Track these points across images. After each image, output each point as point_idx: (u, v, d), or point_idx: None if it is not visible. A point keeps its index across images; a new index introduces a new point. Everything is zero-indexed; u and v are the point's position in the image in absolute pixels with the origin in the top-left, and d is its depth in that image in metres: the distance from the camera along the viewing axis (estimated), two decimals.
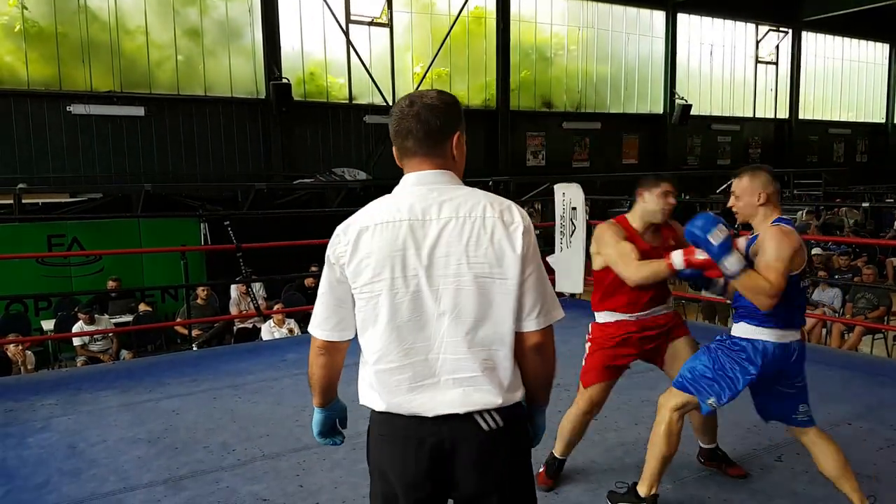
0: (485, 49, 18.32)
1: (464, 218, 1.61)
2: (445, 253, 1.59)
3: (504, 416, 1.64)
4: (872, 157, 27.63)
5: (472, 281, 1.59)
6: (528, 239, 1.62)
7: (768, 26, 23.64)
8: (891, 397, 4.23)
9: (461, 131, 1.71)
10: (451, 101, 1.70)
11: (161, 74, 14.02)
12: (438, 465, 1.62)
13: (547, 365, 1.71)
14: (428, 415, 1.61)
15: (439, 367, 1.61)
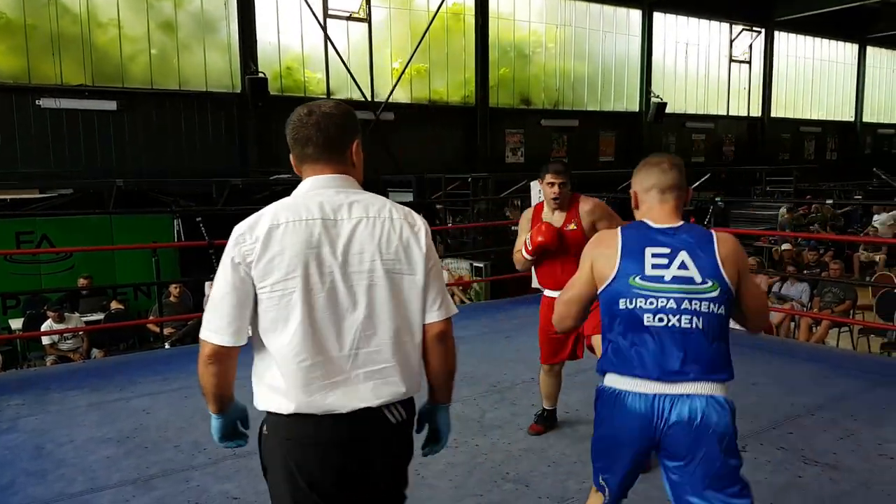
0: (464, 46, 18.34)
1: (374, 218, 1.69)
2: (359, 250, 1.66)
3: (406, 409, 1.74)
4: (842, 155, 28.09)
5: (385, 276, 1.67)
6: (429, 239, 1.76)
7: (742, 26, 23.92)
8: (854, 389, 4.32)
9: (359, 140, 1.80)
10: (347, 111, 1.79)
11: (134, 68, 13.86)
12: (352, 463, 1.66)
13: (450, 355, 1.80)
14: (342, 411, 1.63)
15: (352, 362, 1.65)
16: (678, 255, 1.93)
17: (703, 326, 1.88)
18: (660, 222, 2.02)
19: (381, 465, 1.70)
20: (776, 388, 4.42)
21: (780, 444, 3.49)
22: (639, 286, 1.93)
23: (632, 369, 1.93)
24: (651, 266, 1.93)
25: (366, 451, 1.67)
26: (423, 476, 3.22)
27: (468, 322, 6.37)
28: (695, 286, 1.90)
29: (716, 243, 1.95)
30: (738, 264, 1.96)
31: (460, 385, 4.49)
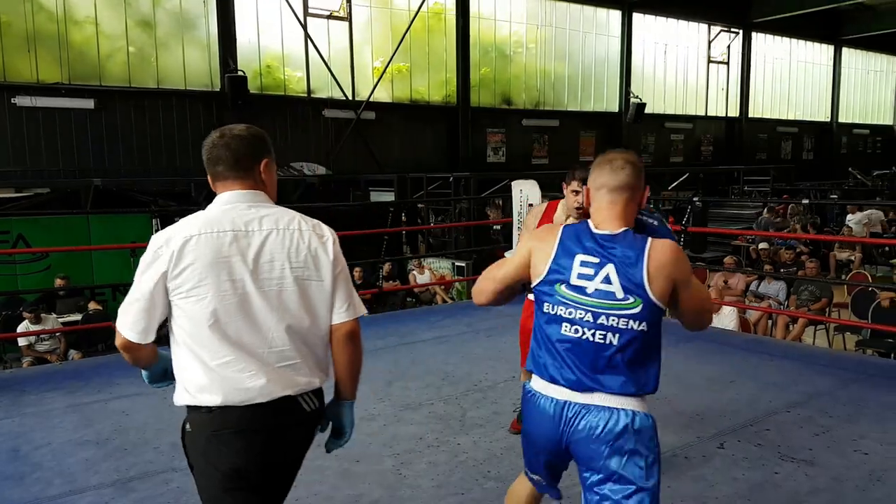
0: (445, 45, 18.35)
1: (283, 230, 1.88)
2: (270, 259, 1.84)
3: (318, 398, 1.93)
4: (818, 155, 28.46)
5: (294, 282, 1.86)
6: (336, 248, 1.95)
7: (720, 27, 24.14)
8: (829, 386, 4.39)
9: (269, 159, 1.97)
10: (257, 134, 1.98)
11: (112, 66, 13.71)
12: (274, 449, 1.82)
13: (358, 352, 1.97)
14: (263, 400, 1.78)
15: (267, 358, 1.82)
16: (604, 267, 1.87)
17: (618, 343, 1.84)
18: (601, 227, 1.94)
19: (297, 450, 1.90)
20: (753, 385, 4.47)
21: (757, 441, 3.54)
22: (563, 295, 1.90)
23: (546, 372, 1.93)
24: (577, 276, 1.89)
25: (286, 437, 1.84)
26: (405, 476, 3.23)
27: (449, 321, 6.39)
28: (615, 301, 1.85)
29: (646, 257, 1.85)
30: (673, 276, 1.86)
31: (441, 385, 4.51)
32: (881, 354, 6.82)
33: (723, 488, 3.06)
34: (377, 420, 3.93)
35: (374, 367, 4.96)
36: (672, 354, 5.25)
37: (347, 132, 16.51)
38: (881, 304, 7.24)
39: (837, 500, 2.92)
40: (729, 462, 3.32)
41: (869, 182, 21.78)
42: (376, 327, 6.27)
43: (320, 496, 3.05)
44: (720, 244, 14.43)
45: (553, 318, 1.92)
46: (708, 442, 3.56)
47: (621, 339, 1.84)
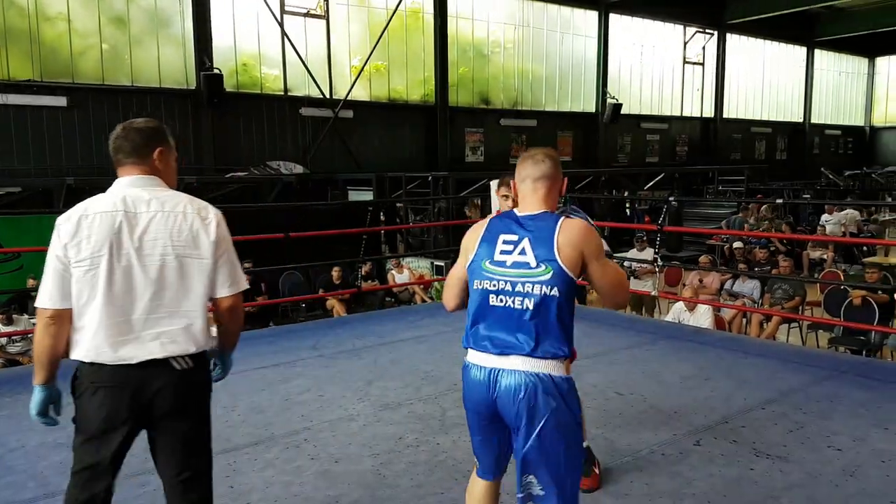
0: (423, 44, 18.34)
1: (168, 212, 2.13)
2: (153, 237, 2.10)
3: (194, 360, 2.17)
4: (791, 155, 28.86)
5: (175, 259, 2.11)
6: (219, 230, 2.19)
7: (695, 28, 24.39)
8: (803, 383, 4.46)
9: (165, 148, 2.23)
10: (154, 126, 2.26)
11: (84, 63, 13.53)
12: (137, 403, 2.09)
13: (238, 321, 2.32)
14: (132, 361, 2.07)
15: (143, 325, 2.09)
16: (521, 242, 2.11)
17: (533, 307, 2.05)
18: (525, 210, 2.19)
19: (170, 401, 2.12)
20: (728, 382, 4.53)
21: (733, 438, 3.58)
22: (487, 269, 2.13)
23: (477, 343, 2.13)
24: (499, 252, 2.13)
25: (152, 392, 2.09)
26: (385, 476, 3.23)
27: (429, 321, 6.39)
28: (529, 270, 2.06)
29: (557, 231, 2.08)
30: (580, 248, 2.07)
31: (420, 384, 4.52)
32: (853, 352, 6.94)
33: (699, 485, 3.09)
34: (357, 420, 3.93)
35: (354, 367, 4.95)
36: (648, 352, 5.32)
37: (325, 131, 16.44)
38: (853, 302, 7.36)
39: (812, 495, 2.97)
40: (705, 459, 3.36)
41: (841, 182, 22.12)
42: (355, 327, 6.25)
43: (300, 497, 3.04)
44: (695, 243, 14.59)
45: (481, 292, 2.14)
46: (684, 439, 3.60)
47: (536, 303, 2.05)
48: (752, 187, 18.80)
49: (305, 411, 4.07)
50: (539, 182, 2.20)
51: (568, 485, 2.06)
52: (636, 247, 10.50)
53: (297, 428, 3.80)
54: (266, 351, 5.43)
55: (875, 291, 7.32)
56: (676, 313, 7.71)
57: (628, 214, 17.32)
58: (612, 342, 5.54)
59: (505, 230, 2.16)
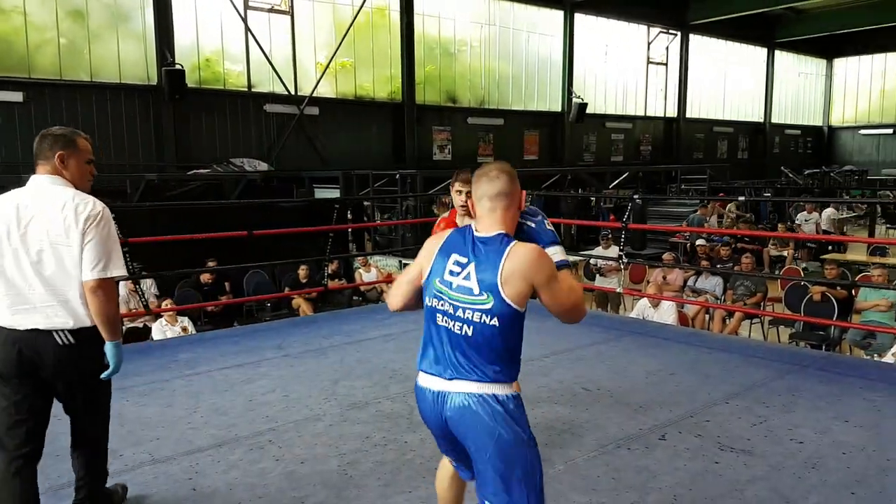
0: (389, 42, 18.27)
1: (51, 207, 2.54)
2: (36, 229, 2.52)
3: (74, 336, 2.56)
4: (752, 154, 29.40)
5: (51, 246, 2.52)
6: (89, 221, 2.54)
7: (659, 28, 24.69)
8: (765, 377, 4.52)
9: (66, 152, 2.63)
10: (60, 134, 2.66)
11: (41, 58, 13.21)
12: (27, 362, 2.53)
13: (102, 305, 2.56)
14: (20, 328, 2.52)
15: (31, 299, 2.53)
16: (469, 266, 2.07)
17: (472, 333, 2.03)
18: (481, 231, 2.13)
19: (53, 369, 2.55)
20: (692, 377, 4.58)
21: (697, 432, 3.62)
22: (437, 287, 2.12)
23: (425, 364, 2.15)
24: (449, 272, 2.10)
25: (38, 357, 2.53)
26: (351, 476, 3.19)
27: (396, 319, 6.34)
28: (472, 297, 2.04)
29: (503, 260, 2.02)
30: (528, 278, 2.02)
31: (388, 383, 4.48)
32: (813, 346, 7.07)
33: (665, 479, 3.11)
34: (323, 420, 3.88)
35: (320, 367, 4.90)
36: (613, 348, 5.36)
37: (290, 128, 16.28)
38: (813, 298, 7.51)
39: (775, 487, 3.01)
40: (671, 453, 3.39)
41: (800, 181, 22.59)
42: (322, 326, 6.19)
43: (265, 499, 2.99)
44: (658, 241, 14.75)
45: (430, 310, 2.15)
46: (650, 433, 3.63)
47: (475, 331, 2.03)
48: (714, 186, 19.08)
49: (270, 412, 4.01)
50: (496, 200, 2.13)
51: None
52: (601, 244, 10.58)
53: (262, 429, 3.75)
54: (229, 351, 5.34)
55: (834, 287, 7.47)
56: (641, 310, 7.78)
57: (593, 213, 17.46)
58: (578, 339, 5.57)
59: (458, 250, 2.12)
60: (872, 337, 7.00)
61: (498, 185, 2.13)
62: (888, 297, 7.23)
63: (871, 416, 3.83)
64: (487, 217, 2.13)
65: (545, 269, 2.05)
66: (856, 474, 3.12)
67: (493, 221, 2.12)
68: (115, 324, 2.64)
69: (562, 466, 3.25)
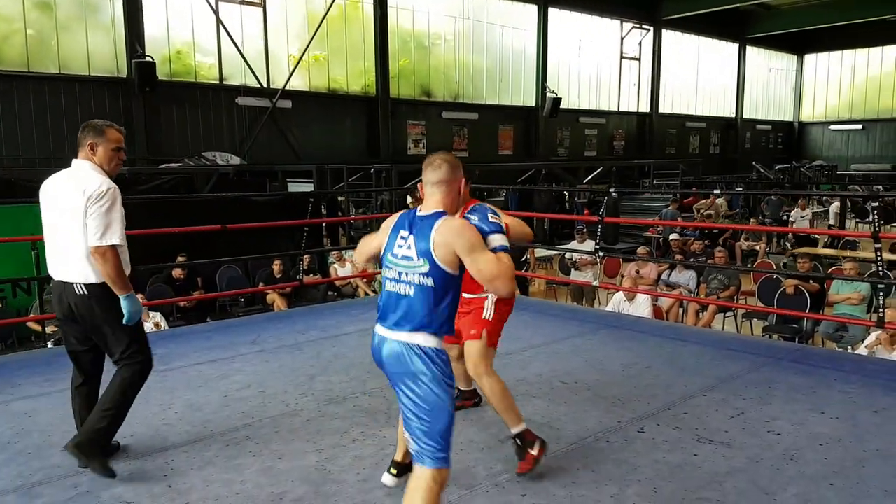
0: (363, 35, 18.15)
1: (73, 185, 3.09)
2: (61, 201, 3.11)
3: (88, 289, 3.10)
4: (724, 150, 29.74)
5: (70, 213, 3.06)
6: (92, 199, 3.02)
7: (632, 23, 24.84)
8: (740, 370, 4.56)
9: (95, 142, 3.19)
10: (93, 125, 3.24)
11: (8, 50, 12.91)
12: (65, 306, 3.14)
13: (103, 267, 3.05)
14: (55, 278, 3.18)
15: (58, 255, 3.15)
16: (409, 238, 2.46)
17: (413, 293, 2.43)
18: (424, 210, 2.51)
19: (77, 313, 3.13)
20: (669, 370, 4.60)
21: (676, 424, 3.63)
22: (388, 259, 2.53)
23: (379, 317, 2.54)
24: (396, 245, 2.50)
25: (68, 302, 3.13)
26: (330, 471, 3.16)
27: (373, 314, 6.27)
28: (412, 262, 2.43)
29: (434, 230, 2.40)
30: (452, 245, 2.38)
31: (366, 378, 4.44)
32: (786, 339, 7.17)
33: (645, 471, 3.12)
34: (300, 415, 3.83)
35: (296, 362, 4.84)
36: (589, 342, 5.37)
37: (263, 121, 16.12)
38: (786, 291, 7.61)
39: (754, 479, 3.03)
40: (650, 445, 3.39)
41: (771, 176, 22.89)
42: (296, 321, 6.13)
43: (242, 495, 2.94)
44: (631, 235, 14.87)
45: (384, 279, 2.55)
46: (628, 426, 3.63)
47: (416, 291, 2.43)
48: (686, 181, 19.28)
49: (246, 408, 3.95)
50: (435, 186, 2.51)
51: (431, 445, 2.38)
52: (577, 239, 10.62)
53: (238, 425, 3.69)
54: (203, 346, 5.27)
55: (807, 280, 7.57)
56: (616, 303, 7.83)
57: (568, 207, 17.54)
58: (554, 332, 5.57)
59: (403, 227, 2.50)
60: (845, 330, 7.11)
61: (438, 174, 2.52)
62: (860, 290, 7.35)
63: (846, 407, 3.88)
64: (428, 200, 2.53)
65: (466, 238, 2.41)
66: (833, 465, 3.15)
67: (432, 203, 2.52)
68: (118, 282, 3.08)
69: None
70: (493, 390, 3.20)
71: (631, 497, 2.89)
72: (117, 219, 3.08)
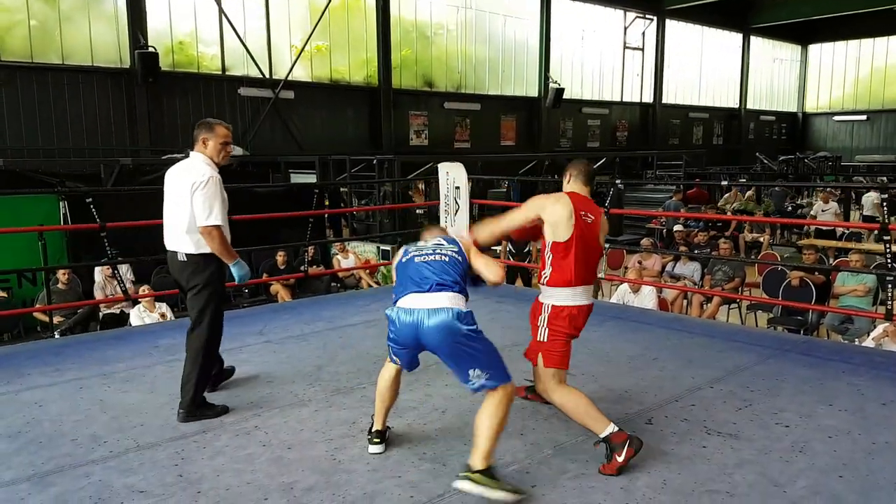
0: (365, 25, 18.08)
1: (185, 174, 3.69)
2: (175, 187, 3.72)
3: (186, 257, 3.71)
4: (727, 141, 29.65)
5: (179, 197, 3.67)
6: (195, 186, 3.60)
7: (635, 13, 24.72)
8: (746, 361, 4.56)
9: (206, 136, 3.73)
10: (205, 122, 3.79)
11: (11, 40, 12.88)
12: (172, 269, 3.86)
13: (214, 242, 3.65)
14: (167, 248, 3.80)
15: (169, 230, 3.77)
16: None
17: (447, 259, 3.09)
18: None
19: (176, 276, 3.83)
20: (675, 362, 4.60)
21: (684, 417, 3.64)
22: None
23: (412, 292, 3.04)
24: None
25: (175, 267, 3.80)
26: (340, 461, 3.17)
27: (377, 305, 6.31)
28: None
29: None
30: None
31: (372, 369, 4.45)
32: (791, 331, 7.16)
33: (654, 463, 3.13)
34: (308, 406, 3.84)
35: (303, 353, 4.86)
36: (595, 333, 5.36)
37: (265, 112, 16.09)
38: (791, 283, 7.60)
39: (763, 471, 3.03)
40: (658, 437, 3.40)
41: (775, 167, 22.83)
42: (302, 312, 6.14)
43: (253, 485, 2.96)
44: (636, 227, 14.84)
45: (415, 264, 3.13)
46: (636, 418, 3.64)
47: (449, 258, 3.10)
48: (689, 171, 19.24)
49: (254, 398, 3.96)
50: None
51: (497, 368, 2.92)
52: None
53: (247, 415, 3.70)
54: None
55: (812, 272, 7.56)
56: (621, 295, 7.83)
57: None
58: None
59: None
60: (850, 322, 7.11)
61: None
62: (866, 281, 7.33)
63: (855, 399, 3.88)
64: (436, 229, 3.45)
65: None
66: (842, 458, 3.16)
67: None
68: (224, 253, 3.71)
69: (550, 451, 3.25)
70: (564, 407, 3.22)
71: (640, 489, 2.90)
72: (218, 203, 3.62)
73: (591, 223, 3.28)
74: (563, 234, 3.20)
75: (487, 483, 2.73)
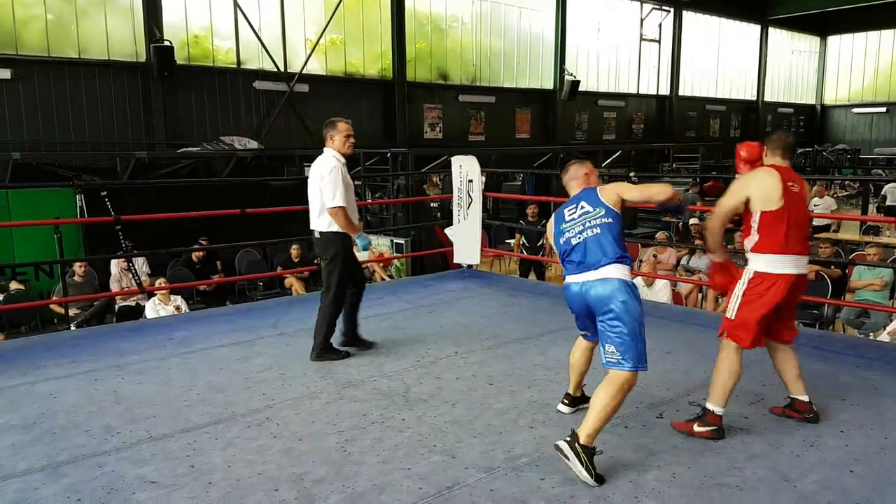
0: (379, 18, 18.06)
1: (317, 166, 4.49)
2: (312, 176, 4.54)
3: (321, 235, 4.52)
4: (744, 133, 29.36)
5: (314, 185, 4.47)
6: (323, 175, 4.38)
7: (652, 5, 24.51)
8: (758, 355, 4.51)
9: (332, 133, 4.48)
10: (330, 120, 4.56)
11: (28, 34, 12.99)
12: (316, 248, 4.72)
13: (339, 220, 4.39)
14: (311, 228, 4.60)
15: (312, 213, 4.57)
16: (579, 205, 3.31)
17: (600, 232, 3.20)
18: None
19: (316, 251, 4.70)
20: (688, 355, 4.59)
21: (695, 410, 3.61)
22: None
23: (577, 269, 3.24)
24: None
25: (315, 244, 4.67)
26: (350, 452, 3.18)
27: (390, 298, 6.34)
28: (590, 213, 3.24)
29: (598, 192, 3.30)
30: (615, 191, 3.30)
31: (384, 361, 4.47)
32: (806, 325, 7.10)
33: (664, 456, 3.12)
34: (319, 398, 3.87)
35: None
36: None
37: (280, 105, 16.13)
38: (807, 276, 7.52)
39: (774, 465, 3.02)
40: (668, 431, 3.39)
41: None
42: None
43: (264, 476, 2.98)
44: (650, 220, 14.76)
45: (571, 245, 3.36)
46: (647, 411, 3.63)
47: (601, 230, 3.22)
48: (706, 164, 19.09)
49: (266, 390, 3.99)
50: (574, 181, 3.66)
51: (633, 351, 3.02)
52: None
53: (259, 406, 3.73)
54: (224, 329, 5.32)
55: (828, 266, 7.48)
56: None
57: None
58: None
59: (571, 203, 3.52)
60: (866, 316, 7.04)
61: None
62: (883, 275, 7.26)
63: (868, 394, 3.85)
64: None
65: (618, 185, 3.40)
66: (854, 453, 3.13)
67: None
68: (349, 229, 4.44)
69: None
70: (720, 363, 3.41)
71: (650, 482, 2.89)
72: (341, 188, 4.34)
73: (798, 192, 3.37)
74: (774, 204, 3.29)
75: (581, 458, 2.87)
